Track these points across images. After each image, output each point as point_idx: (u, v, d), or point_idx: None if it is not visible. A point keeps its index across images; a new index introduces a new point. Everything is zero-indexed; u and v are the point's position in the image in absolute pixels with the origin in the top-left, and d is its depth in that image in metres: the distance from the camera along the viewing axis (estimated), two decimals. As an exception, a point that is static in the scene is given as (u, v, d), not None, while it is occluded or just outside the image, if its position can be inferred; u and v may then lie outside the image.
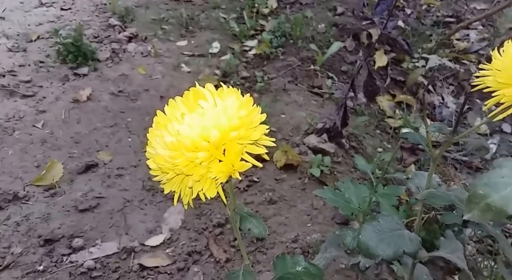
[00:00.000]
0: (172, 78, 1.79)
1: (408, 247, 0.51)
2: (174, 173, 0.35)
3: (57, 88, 1.60)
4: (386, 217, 0.55)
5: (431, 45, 2.07)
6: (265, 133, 0.39)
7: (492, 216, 0.31)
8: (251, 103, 0.38)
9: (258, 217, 0.43)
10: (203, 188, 0.35)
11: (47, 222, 1.13)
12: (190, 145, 0.34)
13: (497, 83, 0.40)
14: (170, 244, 1.12)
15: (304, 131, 1.51)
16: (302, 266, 0.50)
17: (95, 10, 2.10)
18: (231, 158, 0.35)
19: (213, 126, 0.34)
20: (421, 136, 0.54)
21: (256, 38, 2.09)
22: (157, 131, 0.37)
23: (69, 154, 1.35)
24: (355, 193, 0.73)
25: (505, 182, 0.31)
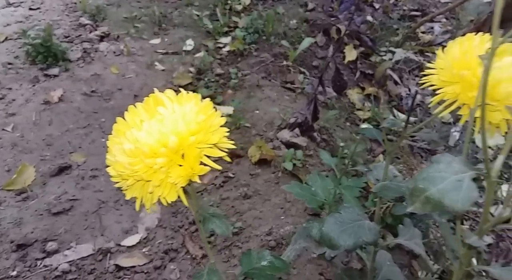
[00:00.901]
0: (145, 76, 1.78)
1: (367, 236, 0.54)
2: (134, 179, 0.37)
3: (27, 90, 1.57)
4: (347, 208, 0.58)
5: (398, 38, 2.13)
6: (225, 136, 0.41)
7: (431, 208, 0.34)
8: (211, 108, 0.40)
9: (221, 217, 0.45)
10: (163, 193, 0.37)
11: (20, 227, 1.12)
12: (149, 151, 0.35)
13: (440, 81, 0.43)
14: (147, 243, 1.13)
15: (278, 126, 1.54)
16: (267, 261, 0.52)
17: (65, 9, 2.06)
18: (190, 162, 0.37)
19: (171, 132, 0.36)
20: (377, 131, 0.57)
21: (230, 34, 2.10)
22: (117, 138, 0.38)
23: (41, 157, 1.33)
24: (322, 186, 0.76)
25: (442, 176, 0.34)
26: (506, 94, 0.39)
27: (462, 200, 0.32)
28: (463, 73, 0.39)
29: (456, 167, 0.34)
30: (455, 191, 0.33)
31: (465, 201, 0.32)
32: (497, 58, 0.41)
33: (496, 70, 0.38)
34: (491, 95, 0.39)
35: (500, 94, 0.39)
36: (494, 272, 0.39)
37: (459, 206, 0.32)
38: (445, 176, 0.34)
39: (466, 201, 0.32)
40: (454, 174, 0.34)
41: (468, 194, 0.32)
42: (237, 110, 1.61)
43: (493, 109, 0.41)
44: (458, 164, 0.35)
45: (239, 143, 1.47)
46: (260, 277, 0.49)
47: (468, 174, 0.34)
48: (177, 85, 1.75)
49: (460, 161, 0.35)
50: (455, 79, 0.43)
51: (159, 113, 0.38)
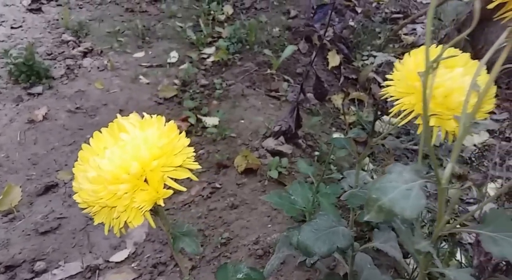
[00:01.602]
0: (130, 90, 1.79)
1: (341, 242, 0.56)
2: (99, 206, 0.38)
3: (11, 109, 1.57)
4: (323, 216, 0.60)
5: (380, 41, 2.17)
6: (190, 157, 0.42)
7: (384, 216, 0.36)
8: (174, 131, 0.41)
9: (191, 235, 0.46)
10: (129, 218, 0.38)
11: (7, 248, 1.12)
12: (111, 178, 0.36)
13: (398, 93, 0.45)
14: (135, 258, 1.14)
15: (263, 135, 1.56)
16: (243, 273, 0.53)
17: (47, 26, 2.07)
18: (154, 186, 0.38)
19: (132, 158, 0.37)
20: (346, 141, 0.59)
21: (214, 45, 2.12)
22: (82, 166, 0.39)
23: (27, 176, 1.34)
24: (302, 194, 0.78)
25: (393, 186, 0.36)
26: (458, 104, 0.41)
27: (410, 208, 0.34)
28: (416, 85, 0.41)
29: (406, 176, 0.36)
30: (404, 200, 0.35)
31: (414, 209, 0.34)
32: (449, 68, 0.43)
33: (448, 80, 0.40)
34: (445, 105, 0.41)
35: (453, 104, 0.41)
36: (449, 274, 0.41)
37: (408, 213, 0.34)
38: (396, 185, 0.36)
39: (414, 209, 0.34)
40: (404, 183, 0.36)
41: (416, 202, 0.34)
42: (222, 121, 1.62)
43: (447, 117, 0.43)
44: (409, 173, 0.37)
45: (225, 153, 1.48)
46: (234, 290, 0.50)
47: (418, 183, 0.36)
48: (163, 98, 1.76)
49: (411, 170, 0.37)
50: (410, 90, 0.45)
51: (121, 140, 0.39)
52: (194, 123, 1.62)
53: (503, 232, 0.36)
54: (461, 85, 0.42)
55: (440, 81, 0.40)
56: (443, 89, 0.42)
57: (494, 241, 0.36)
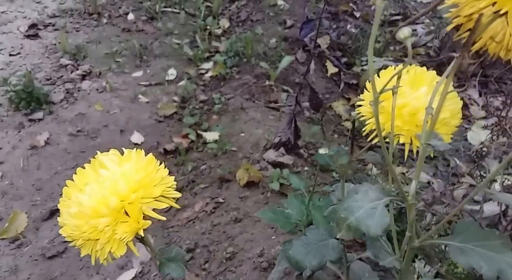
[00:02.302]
0: (130, 110, 1.81)
1: (331, 255, 0.56)
2: (83, 239, 0.38)
3: (13, 137, 1.59)
4: (313, 230, 0.60)
5: (379, 45, 2.17)
6: (171, 186, 0.42)
7: (353, 234, 0.37)
8: (152, 163, 0.42)
9: (178, 260, 0.47)
10: (111, 248, 0.38)
11: (16, 274, 1.13)
12: (92, 213, 0.37)
13: (368, 112, 0.45)
14: (142, 277, 1.15)
15: (263, 147, 1.56)
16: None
17: (45, 51, 2.10)
18: (135, 217, 0.39)
19: (111, 192, 0.38)
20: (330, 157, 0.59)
21: (211, 60, 2.13)
22: (65, 202, 0.40)
23: (31, 202, 1.35)
24: (297, 207, 0.78)
25: (359, 205, 0.37)
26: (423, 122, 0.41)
27: (375, 226, 0.35)
28: (384, 105, 0.42)
29: (372, 195, 0.37)
30: (369, 218, 0.36)
31: (378, 227, 0.35)
32: (414, 88, 0.43)
33: (413, 100, 0.40)
34: (413, 122, 0.41)
35: (419, 121, 0.41)
36: None
37: (373, 231, 0.35)
38: (361, 205, 0.37)
39: (378, 226, 0.35)
40: (370, 202, 0.37)
41: (380, 220, 0.35)
42: (223, 135, 1.63)
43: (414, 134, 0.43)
44: (374, 192, 0.37)
45: (227, 167, 1.49)
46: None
47: (382, 201, 0.36)
48: (162, 116, 1.78)
49: (376, 189, 0.38)
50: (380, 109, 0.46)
51: (100, 176, 0.40)
52: (195, 139, 1.63)
53: (471, 242, 0.37)
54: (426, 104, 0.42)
55: (406, 101, 0.41)
56: (408, 108, 0.43)
57: (462, 251, 0.37)
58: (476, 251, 0.36)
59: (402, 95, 0.41)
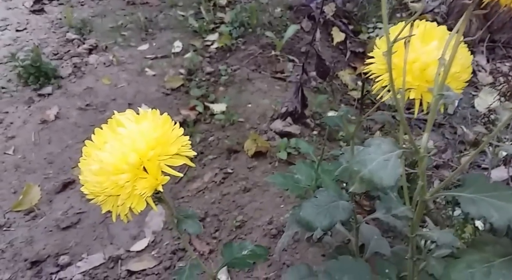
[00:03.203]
0: (138, 84, 1.81)
1: (341, 215, 0.57)
2: (104, 196, 0.40)
3: (23, 111, 1.61)
4: (322, 192, 0.61)
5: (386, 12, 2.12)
6: (186, 145, 0.43)
7: (365, 186, 0.37)
8: (168, 122, 0.42)
9: (194, 217, 0.48)
10: (132, 204, 0.40)
11: (32, 245, 1.17)
12: (113, 169, 0.38)
13: (378, 69, 0.45)
14: (155, 246, 1.18)
15: (270, 117, 1.56)
16: (248, 250, 0.55)
17: (51, 26, 2.09)
18: (153, 174, 0.40)
19: (130, 149, 0.39)
20: (339, 118, 0.59)
21: (216, 31, 2.11)
22: (86, 160, 0.41)
23: (44, 175, 1.38)
24: (306, 172, 0.79)
25: (372, 158, 0.38)
26: (433, 76, 0.41)
27: (388, 177, 0.36)
28: (394, 61, 0.42)
29: (384, 148, 0.37)
30: (382, 170, 0.36)
31: (391, 178, 0.36)
32: (425, 43, 0.43)
33: (424, 54, 0.40)
34: (423, 78, 0.41)
35: (430, 76, 0.41)
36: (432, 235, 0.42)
37: (386, 182, 0.36)
38: (374, 157, 0.37)
39: (392, 177, 0.36)
40: (382, 154, 0.37)
41: (393, 171, 0.36)
42: (230, 106, 1.63)
43: (425, 89, 0.43)
44: (387, 145, 0.38)
45: (234, 138, 1.50)
46: (240, 265, 0.52)
47: (395, 153, 0.37)
48: (170, 89, 1.78)
49: (389, 142, 0.38)
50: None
51: (119, 134, 0.40)
52: (202, 111, 1.63)
53: (482, 193, 0.37)
54: (437, 58, 0.42)
55: (416, 56, 0.40)
56: (419, 63, 0.42)
57: (473, 202, 0.37)
58: (486, 201, 0.37)
59: (412, 49, 0.40)
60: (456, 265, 0.38)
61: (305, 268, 0.71)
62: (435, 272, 0.45)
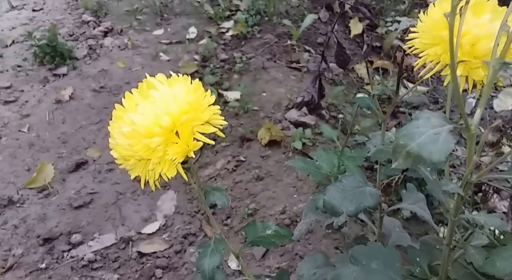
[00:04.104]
0: (152, 68, 1.80)
1: (369, 201, 0.55)
2: (135, 159, 0.38)
3: (38, 90, 1.61)
4: (348, 177, 0.59)
5: (405, 6, 2.08)
6: (217, 113, 0.42)
7: (412, 162, 0.35)
8: (200, 88, 0.41)
9: (221, 190, 0.47)
10: (163, 169, 0.38)
11: (44, 222, 1.17)
12: (145, 132, 0.37)
13: (423, 44, 0.43)
14: (166, 230, 1.17)
15: (285, 107, 1.55)
16: (272, 230, 0.54)
17: (67, 7, 2.09)
18: (185, 139, 0.38)
19: (164, 112, 0.37)
20: (371, 100, 0.57)
21: (232, 18, 2.09)
22: (116, 123, 0.40)
23: (57, 154, 1.38)
24: (327, 159, 0.77)
25: (420, 131, 0.35)
26: (486, 51, 0.39)
27: (438, 152, 0.34)
28: (442, 34, 0.39)
29: (434, 122, 0.35)
30: (432, 144, 0.34)
31: (442, 153, 0.33)
32: (476, 15, 0.40)
33: (475, 27, 0.38)
34: (472, 53, 0.39)
35: (480, 51, 0.39)
36: (479, 219, 0.40)
37: (436, 157, 0.34)
38: (424, 130, 0.35)
39: (442, 152, 0.33)
40: (432, 128, 0.35)
41: (444, 145, 0.34)
42: (244, 94, 1.61)
43: (475, 66, 0.41)
44: (437, 119, 0.36)
45: (248, 126, 1.48)
46: (265, 243, 0.51)
47: (446, 128, 0.35)
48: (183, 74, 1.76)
49: (438, 116, 0.36)
50: (436, 40, 0.43)
51: (152, 96, 0.39)
52: (216, 98, 1.61)
53: None
54: (489, 31, 0.40)
55: (467, 29, 0.38)
56: (469, 36, 0.40)
57: None
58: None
59: (463, 22, 0.38)
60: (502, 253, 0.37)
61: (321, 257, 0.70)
62: (474, 261, 0.43)
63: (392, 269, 0.43)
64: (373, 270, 0.44)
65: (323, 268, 0.68)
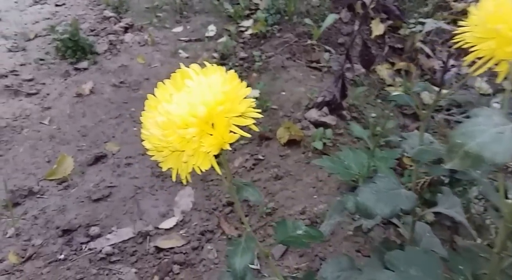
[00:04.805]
0: (170, 65, 1.80)
1: (405, 204, 0.53)
2: (168, 150, 0.37)
3: (60, 84, 1.63)
4: (382, 178, 0.57)
5: (428, 9, 2.04)
6: (251, 106, 0.41)
7: (470, 162, 0.33)
8: (235, 79, 0.40)
9: (254, 186, 0.45)
10: (197, 162, 0.37)
11: (64, 214, 1.17)
12: (180, 122, 0.36)
13: (475, 38, 0.41)
14: (183, 226, 1.17)
15: (305, 106, 1.53)
16: (302, 230, 0.52)
17: (89, 3, 2.11)
18: (220, 131, 0.37)
19: (199, 102, 0.36)
20: (410, 98, 0.55)
21: (251, 17, 2.08)
22: (149, 113, 0.39)
23: (77, 147, 1.39)
24: (354, 159, 0.75)
25: (481, 129, 0.33)
26: None
27: (503, 152, 0.31)
28: (498, 27, 0.37)
29: (496, 120, 0.33)
30: (495, 143, 0.32)
31: (507, 153, 0.31)
32: None
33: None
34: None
35: None
36: None
37: (500, 158, 0.31)
38: (485, 129, 0.33)
39: (508, 152, 0.31)
40: (494, 126, 0.33)
41: (510, 145, 0.31)
42: (263, 93, 1.60)
43: None
44: (498, 117, 0.33)
45: (267, 125, 1.47)
46: (296, 244, 0.49)
47: (510, 126, 0.32)
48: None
49: (500, 114, 0.34)
50: (490, 34, 0.41)
51: (187, 86, 0.38)
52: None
53: None
54: None
55: None
56: None
57: None
58: None
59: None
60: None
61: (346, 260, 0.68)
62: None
63: (432, 276, 0.41)
64: (412, 277, 0.42)
65: (347, 271, 0.66)
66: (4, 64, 1.75)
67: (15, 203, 1.19)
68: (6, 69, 1.72)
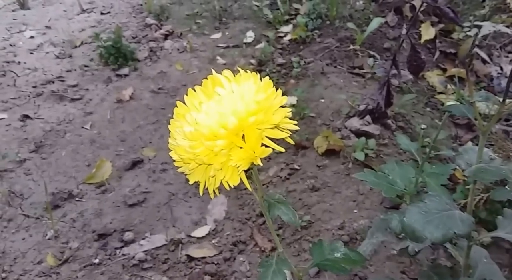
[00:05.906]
0: (208, 72, 1.76)
1: (459, 228, 0.47)
2: (195, 163, 0.34)
3: (102, 89, 1.67)
4: (433, 197, 0.51)
5: (485, 11, 1.90)
6: (287, 116, 0.37)
7: None
8: (270, 87, 0.36)
9: (287, 204, 0.41)
10: (225, 177, 0.34)
11: (100, 218, 1.18)
12: (209, 133, 0.33)
13: None
14: (216, 235, 1.14)
15: (346, 115, 1.46)
16: (341, 253, 0.47)
17: (132, 11, 2.17)
18: (252, 144, 0.34)
19: (230, 112, 0.33)
20: (468, 108, 0.49)
21: (291, 22, 2.04)
22: (177, 122, 0.36)
23: (116, 152, 1.41)
24: (400, 174, 0.69)
25: None
26: None
27: None
28: None
29: None
30: None
31: None
32: None
33: None
34: None
35: None
36: None
37: None
38: None
39: None
40: None
41: None
42: (300, 100, 1.55)
43: None
44: None
45: (304, 133, 1.42)
46: (334, 268, 0.45)
47: None
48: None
49: None
50: None
51: (217, 94, 0.35)
52: (273, 102, 1.57)
53: None
54: None
55: None
56: None
57: None
58: None
59: None
60: None
61: (388, 282, 0.62)
62: None
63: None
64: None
65: (389, 295, 0.60)
66: (52, 70, 1.83)
67: (55, 206, 1.22)
68: (53, 75, 1.79)
